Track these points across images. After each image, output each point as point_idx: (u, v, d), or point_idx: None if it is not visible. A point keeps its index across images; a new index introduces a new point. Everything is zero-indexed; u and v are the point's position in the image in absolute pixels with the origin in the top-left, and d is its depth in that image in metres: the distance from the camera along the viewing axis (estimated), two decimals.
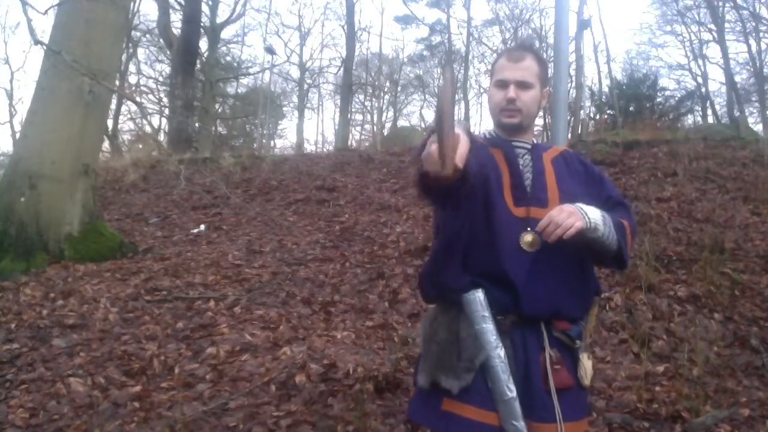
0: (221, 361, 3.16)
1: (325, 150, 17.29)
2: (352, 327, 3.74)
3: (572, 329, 1.41)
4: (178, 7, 16.37)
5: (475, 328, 1.36)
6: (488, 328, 1.34)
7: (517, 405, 1.29)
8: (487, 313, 1.35)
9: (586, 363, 1.42)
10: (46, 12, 4.61)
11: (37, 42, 4.49)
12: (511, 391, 1.30)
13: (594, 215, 1.38)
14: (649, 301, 3.99)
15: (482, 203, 1.40)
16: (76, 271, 4.70)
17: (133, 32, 18.53)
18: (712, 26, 21.18)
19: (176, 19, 16.42)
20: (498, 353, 1.32)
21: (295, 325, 3.73)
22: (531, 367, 1.36)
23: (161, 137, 19.35)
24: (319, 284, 4.53)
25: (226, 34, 23.05)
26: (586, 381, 1.41)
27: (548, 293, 1.38)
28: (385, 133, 21.63)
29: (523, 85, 1.50)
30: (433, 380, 1.40)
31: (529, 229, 1.40)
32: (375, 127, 27.22)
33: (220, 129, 24.63)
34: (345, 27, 21.93)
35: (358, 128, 30.82)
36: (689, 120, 19.18)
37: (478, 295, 1.36)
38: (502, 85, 1.51)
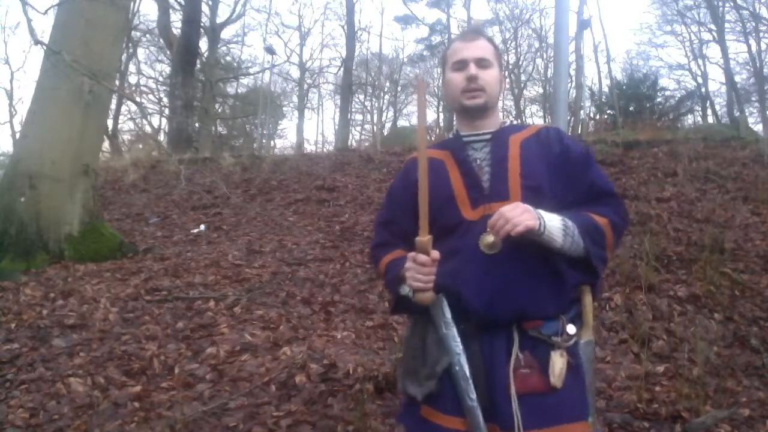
0: (221, 361, 3.16)
1: (325, 150, 17.29)
2: (352, 327, 3.74)
3: (543, 326, 1.31)
4: (178, 7, 16.39)
5: (439, 333, 1.32)
6: (450, 334, 1.29)
7: (478, 413, 1.24)
8: (448, 319, 1.30)
9: (556, 360, 1.29)
10: (46, 12, 4.62)
11: (37, 42, 4.50)
12: (471, 399, 1.25)
13: (552, 223, 1.28)
14: (649, 301, 3.99)
15: (436, 220, 1.33)
16: (76, 271, 4.70)
17: (133, 32, 18.54)
18: (712, 26, 21.21)
19: (176, 19, 16.46)
20: (458, 360, 1.27)
21: (295, 325, 3.73)
22: (494, 373, 1.29)
23: (161, 137, 19.37)
24: (319, 284, 4.53)
25: (226, 34, 23.10)
26: (554, 380, 1.27)
27: (509, 295, 1.29)
28: (385, 133, 21.62)
29: (482, 63, 1.42)
30: (402, 387, 1.40)
31: (488, 230, 1.29)
32: (375, 127, 27.22)
33: (220, 129, 24.64)
34: (345, 27, 21.95)
35: (358, 128, 30.86)
36: (689, 120, 19.23)
37: (440, 300, 1.31)
38: (461, 65, 1.42)
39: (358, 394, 2.76)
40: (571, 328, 1.32)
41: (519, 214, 1.22)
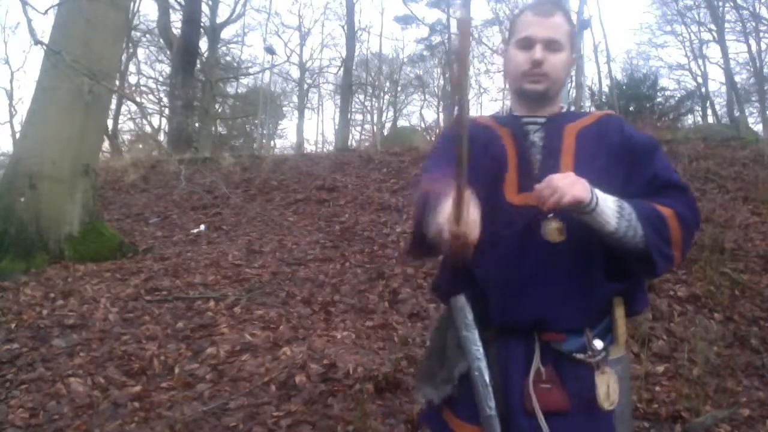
0: (221, 361, 3.16)
1: (325, 150, 17.31)
2: (352, 327, 3.73)
3: (565, 340, 1.18)
4: (178, 7, 16.40)
5: (459, 335, 1.21)
6: (470, 337, 1.19)
7: (495, 423, 1.13)
8: (470, 321, 1.20)
9: (599, 382, 1.16)
10: (46, 12, 4.62)
11: (37, 42, 4.50)
12: (490, 408, 1.14)
13: (606, 202, 1.13)
14: (649, 301, 3.99)
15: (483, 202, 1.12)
16: (76, 271, 4.70)
17: (133, 32, 18.54)
18: (712, 26, 21.21)
19: (176, 19, 16.46)
20: (478, 365, 1.17)
21: (295, 325, 3.73)
22: (509, 384, 1.18)
23: (161, 137, 19.38)
24: (319, 284, 4.53)
25: (226, 34, 23.10)
26: (604, 404, 1.15)
27: (526, 301, 1.17)
28: (385, 133, 21.62)
29: (552, 45, 1.25)
30: (417, 388, 1.32)
31: (550, 215, 1.15)
32: (375, 127, 27.24)
33: (220, 129, 24.64)
34: (345, 27, 21.95)
35: (358, 128, 30.87)
36: (689, 120, 19.20)
37: (461, 300, 1.22)
38: (527, 44, 1.26)
39: (358, 394, 2.76)
40: (598, 343, 1.19)
41: (569, 184, 1.08)
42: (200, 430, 2.52)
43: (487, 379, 1.16)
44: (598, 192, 1.13)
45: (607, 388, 1.17)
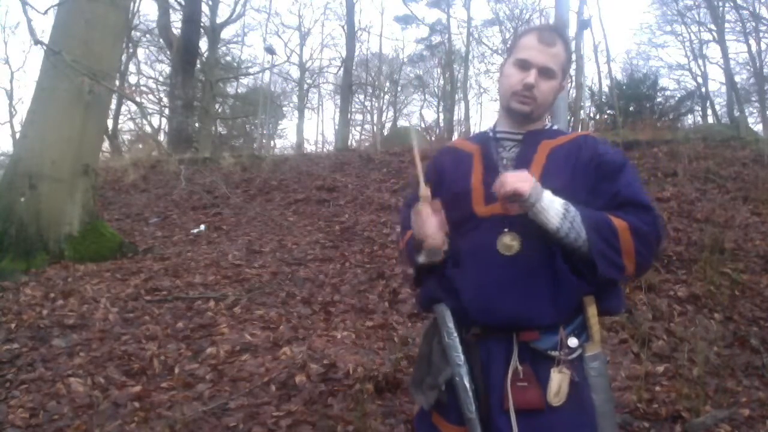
0: (221, 361, 3.16)
1: (325, 150, 17.30)
2: (352, 327, 3.73)
3: (540, 339, 1.24)
4: (178, 7, 16.39)
5: (444, 342, 1.29)
6: (452, 344, 1.27)
7: (476, 425, 1.21)
8: (451, 328, 1.28)
9: (554, 377, 1.21)
10: (46, 12, 4.63)
11: (37, 42, 4.50)
12: (470, 411, 1.22)
13: (551, 201, 1.21)
14: (649, 301, 3.99)
15: (449, 215, 1.30)
16: (76, 271, 4.70)
17: (133, 32, 18.54)
18: (712, 26, 21.20)
19: (176, 19, 16.45)
20: (459, 371, 1.24)
21: (295, 325, 3.73)
22: (491, 384, 1.24)
23: (161, 137, 19.38)
24: (319, 284, 4.53)
25: (226, 34, 23.10)
26: (550, 399, 1.20)
27: (504, 300, 1.24)
28: (385, 133, 21.63)
29: (546, 73, 1.33)
30: (412, 395, 1.41)
31: (506, 230, 1.26)
32: (375, 127, 27.24)
33: (220, 129, 24.64)
34: (345, 27, 21.95)
35: (358, 128, 30.86)
36: (689, 120, 19.21)
37: (443, 308, 1.30)
38: (524, 66, 1.34)
39: (358, 394, 2.76)
40: (572, 341, 1.24)
41: (514, 178, 1.18)
42: (200, 430, 2.52)
43: (467, 384, 1.24)
44: (546, 193, 1.22)
45: (559, 387, 1.21)
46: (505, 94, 1.39)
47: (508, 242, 1.26)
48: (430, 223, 1.25)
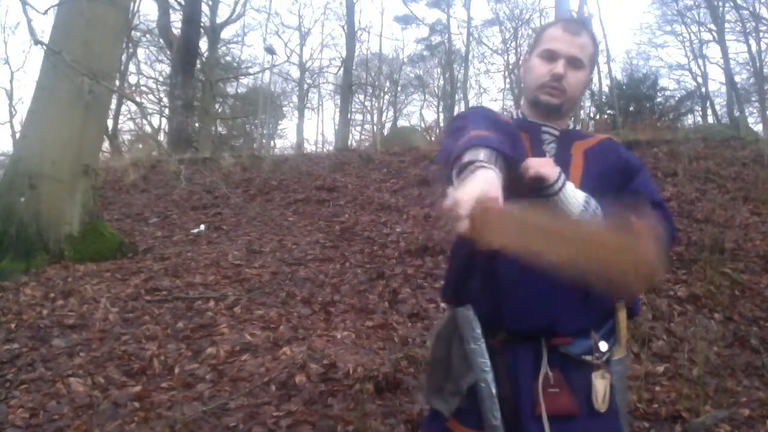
0: (221, 361, 3.16)
1: (325, 150, 17.30)
2: (352, 327, 3.73)
3: (573, 344, 1.21)
4: (178, 7, 16.39)
5: (466, 347, 1.24)
6: (477, 350, 1.21)
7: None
8: (478, 334, 1.22)
9: (598, 383, 1.19)
10: (46, 12, 4.63)
11: (37, 42, 4.50)
12: (495, 418, 1.17)
13: (574, 191, 1.18)
14: (649, 301, 3.99)
15: None
16: (76, 271, 4.70)
17: (133, 32, 18.54)
18: (712, 26, 21.22)
19: (176, 19, 16.45)
20: (484, 377, 1.19)
21: (295, 325, 3.73)
22: (519, 391, 1.20)
23: (161, 137, 19.37)
24: (319, 284, 4.53)
25: (226, 34, 23.12)
26: (598, 405, 1.18)
27: (539, 305, 1.20)
28: (385, 133, 21.63)
29: (574, 63, 1.28)
30: (427, 400, 1.35)
31: None
32: (375, 127, 27.24)
33: (220, 129, 24.64)
34: (345, 27, 21.97)
35: (358, 128, 30.86)
36: (689, 120, 19.22)
37: (469, 313, 1.24)
38: (551, 57, 1.29)
39: (358, 394, 2.76)
40: (603, 345, 1.22)
41: (539, 163, 1.14)
42: (200, 430, 2.52)
43: (494, 390, 1.19)
44: (569, 182, 1.18)
45: (605, 391, 1.19)
46: (532, 87, 1.32)
47: None
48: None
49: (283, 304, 4.09)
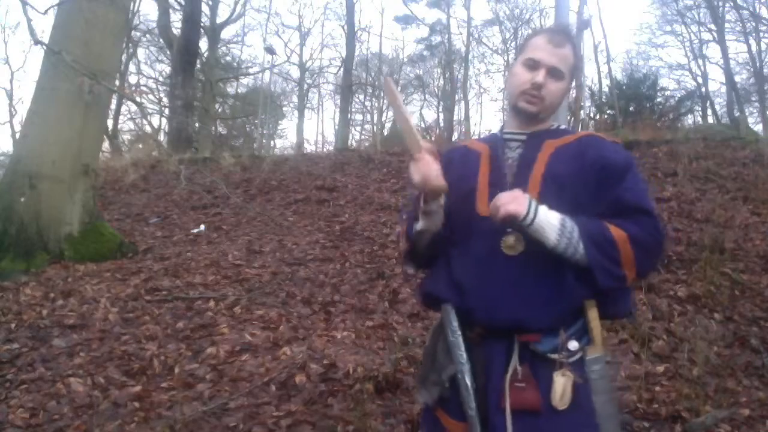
0: (221, 361, 3.16)
1: (325, 150, 17.28)
2: (352, 327, 3.73)
3: (540, 341, 1.24)
4: (178, 7, 16.39)
5: (448, 341, 1.30)
6: (456, 342, 1.28)
7: (476, 422, 1.23)
8: (455, 327, 1.29)
9: (558, 380, 1.21)
10: (46, 12, 4.62)
11: (37, 42, 4.49)
12: (471, 409, 1.24)
13: (547, 218, 1.22)
14: (649, 301, 3.99)
15: (454, 213, 1.35)
16: (76, 271, 4.70)
17: (133, 32, 18.54)
18: (712, 26, 21.23)
19: (176, 19, 16.46)
20: (462, 369, 1.26)
21: (295, 325, 3.73)
22: (489, 384, 1.25)
23: (161, 137, 19.36)
24: (319, 284, 4.53)
25: (226, 34, 23.13)
26: (555, 402, 1.20)
27: (506, 302, 1.24)
28: (385, 133, 21.63)
29: (555, 74, 1.35)
30: (417, 390, 1.47)
31: (509, 230, 1.26)
32: (375, 127, 27.24)
33: (220, 129, 24.65)
34: (345, 27, 21.96)
35: (358, 128, 30.86)
36: (689, 120, 19.21)
37: (448, 306, 1.32)
38: (533, 66, 1.35)
39: (358, 394, 2.76)
40: (573, 344, 1.24)
41: (507, 200, 1.19)
42: (200, 430, 2.52)
43: (469, 382, 1.25)
44: (541, 209, 1.22)
45: (563, 390, 1.21)
46: (513, 93, 1.39)
47: (512, 243, 1.27)
48: (433, 167, 1.25)
49: (283, 304, 4.09)
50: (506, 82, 1.48)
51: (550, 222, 1.22)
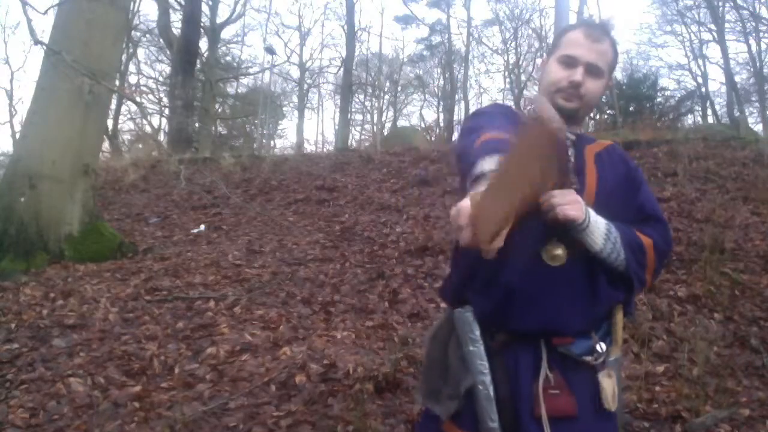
0: (221, 361, 3.16)
1: (325, 150, 17.29)
2: (352, 327, 3.73)
3: (572, 343, 1.20)
4: (178, 7, 16.39)
5: (463, 350, 1.23)
6: (476, 352, 1.21)
7: None
8: (476, 336, 1.22)
9: (605, 382, 1.20)
10: (46, 12, 4.61)
11: (37, 42, 4.49)
12: (492, 420, 1.17)
13: (597, 224, 1.18)
14: (649, 301, 3.99)
15: None
16: (76, 271, 4.70)
17: (133, 32, 18.54)
18: (712, 26, 21.20)
19: (176, 19, 16.46)
20: (482, 380, 1.19)
21: (295, 325, 3.73)
22: (519, 392, 1.19)
23: (161, 137, 19.38)
24: (319, 284, 4.53)
25: (226, 34, 23.12)
26: (608, 405, 1.19)
27: (543, 304, 1.20)
28: (385, 133, 21.63)
29: (593, 71, 1.26)
30: (423, 403, 1.36)
31: (555, 238, 1.19)
32: (375, 127, 27.22)
33: (220, 129, 24.65)
34: (345, 27, 21.95)
35: (358, 128, 30.86)
36: (689, 120, 19.22)
37: (467, 315, 1.24)
38: (570, 63, 1.27)
39: (358, 394, 2.76)
40: (601, 346, 1.24)
41: (567, 202, 1.11)
42: (200, 430, 2.52)
43: (491, 393, 1.18)
44: (591, 213, 1.18)
45: (613, 390, 1.20)
46: (548, 90, 1.30)
47: (556, 252, 1.20)
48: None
49: (283, 304, 4.09)
50: (539, 81, 1.38)
51: (599, 227, 1.19)
